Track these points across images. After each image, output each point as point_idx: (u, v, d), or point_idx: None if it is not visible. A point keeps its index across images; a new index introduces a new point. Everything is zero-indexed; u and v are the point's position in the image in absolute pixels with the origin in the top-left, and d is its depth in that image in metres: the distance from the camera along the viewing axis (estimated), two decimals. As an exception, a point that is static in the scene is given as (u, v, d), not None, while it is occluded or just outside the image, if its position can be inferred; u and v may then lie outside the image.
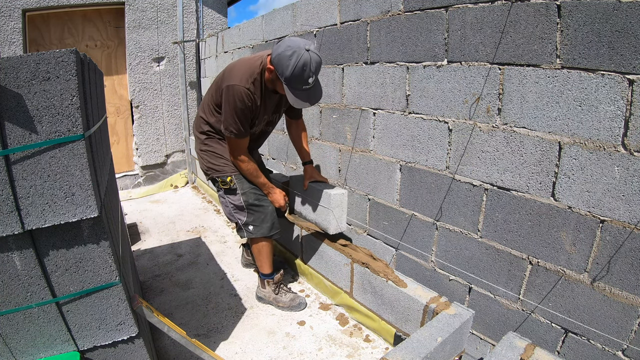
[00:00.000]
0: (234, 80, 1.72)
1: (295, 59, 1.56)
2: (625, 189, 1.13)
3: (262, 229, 2.01)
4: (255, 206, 1.99)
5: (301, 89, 1.65)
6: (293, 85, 1.63)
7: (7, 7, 3.54)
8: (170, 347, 1.86)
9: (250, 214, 1.99)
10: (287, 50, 1.58)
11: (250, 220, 2.00)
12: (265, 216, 2.00)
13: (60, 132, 0.98)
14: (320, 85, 1.75)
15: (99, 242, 1.10)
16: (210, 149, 1.99)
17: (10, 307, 1.06)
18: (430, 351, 1.35)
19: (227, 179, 1.95)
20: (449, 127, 1.61)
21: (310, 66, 1.58)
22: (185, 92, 4.51)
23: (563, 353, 1.36)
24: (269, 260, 2.13)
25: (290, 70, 1.58)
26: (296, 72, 1.58)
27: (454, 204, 1.66)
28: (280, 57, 1.60)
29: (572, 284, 1.30)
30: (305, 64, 1.56)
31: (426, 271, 1.86)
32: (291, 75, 1.59)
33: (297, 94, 1.65)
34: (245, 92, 1.71)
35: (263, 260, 2.12)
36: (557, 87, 1.24)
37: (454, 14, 1.50)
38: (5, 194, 0.96)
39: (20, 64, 0.92)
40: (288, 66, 1.58)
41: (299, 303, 2.17)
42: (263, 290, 2.22)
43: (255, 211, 1.99)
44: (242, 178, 1.97)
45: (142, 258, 2.87)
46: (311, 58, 1.57)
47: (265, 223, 2.00)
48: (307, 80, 1.61)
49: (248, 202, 1.97)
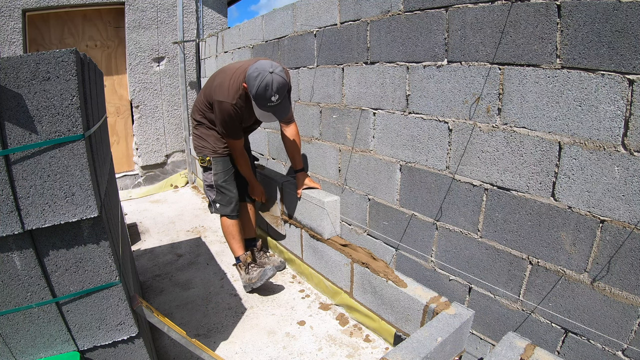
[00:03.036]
0: (222, 96, 2.01)
1: (260, 80, 1.80)
2: (625, 189, 1.13)
3: (226, 209, 2.33)
4: (223, 188, 2.31)
5: (266, 106, 1.87)
6: (258, 102, 1.87)
7: (7, 7, 3.54)
8: (170, 347, 1.86)
9: (218, 194, 2.32)
10: (254, 72, 1.82)
11: (218, 199, 2.33)
12: (230, 199, 2.33)
13: (60, 132, 0.98)
14: (288, 103, 2.00)
15: (99, 242, 1.10)
16: (199, 132, 2.32)
17: (10, 307, 1.06)
18: (430, 351, 1.35)
19: (206, 159, 2.27)
20: (449, 127, 1.61)
21: (272, 86, 1.80)
22: (185, 92, 4.51)
23: (563, 353, 1.36)
24: (238, 241, 2.37)
25: (255, 89, 1.82)
26: (259, 91, 1.82)
27: (454, 204, 1.66)
28: (249, 78, 1.85)
29: (572, 284, 1.30)
30: (267, 84, 1.79)
31: (426, 271, 1.86)
32: (256, 93, 1.83)
33: (263, 109, 1.89)
34: (232, 108, 2.00)
35: (232, 241, 2.38)
36: (557, 87, 1.24)
37: (454, 14, 1.50)
38: (5, 194, 0.96)
39: (20, 64, 0.92)
40: (254, 86, 1.82)
41: (265, 271, 2.25)
42: (241, 277, 2.38)
43: (222, 192, 2.32)
44: (219, 161, 2.28)
45: (142, 258, 2.87)
46: (273, 79, 1.79)
47: (230, 204, 2.33)
48: (269, 99, 1.84)
49: (217, 183, 2.30)
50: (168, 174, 4.78)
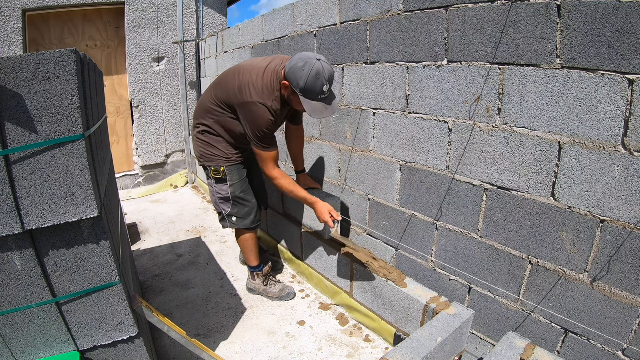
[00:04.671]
0: (257, 97, 1.75)
1: (308, 69, 1.60)
2: (625, 189, 1.13)
3: (244, 222, 2.10)
4: (241, 199, 2.07)
5: (317, 99, 1.67)
6: (309, 95, 1.66)
7: (7, 7, 3.54)
8: (170, 347, 1.86)
9: (235, 206, 2.07)
10: (299, 62, 1.62)
11: (235, 212, 2.09)
12: (250, 210, 2.10)
13: (60, 132, 0.98)
14: (335, 97, 1.75)
15: (99, 242, 1.10)
16: (206, 139, 2.02)
17: (10, 307, 1.06)
18: (430, 351, 1.35)
19: (220, 169, 2.00)
20: (449, 127, 1.61)
21: (324, 74, 1.61)
22: (185, 92, 4.51)
23: (563, 353, 1.36)
24: (255, 252, 2.22)
25: (304, 81, 1.61)
26: (310, 81, 1.61)
27: (454, 204, 1.66)
28: (294, 70, 1.64)
29: (572, 284, 1.30)
30: (318, 72, 1.60)
31: (426, 271, 1.86)
32: (305, 84, 1.62)
33: (314, 103, 1.67)
34: (269, 110, 1.75)
35: (248, 253, 2.22)
36: (557, 87, 1.24)
37: (454, 14, 1.50)
38: (5, 194, 0.96)
39: (20, 64, 0.92)
40: (302, 77, 1.61)
41: (288, 293, 2.27)
42: (253, 282, 2.32)
43: (240, 204, 2.08)
44: (234, 170, 2.03)
45: (142, 258, 2.87)
46: (323, 67, 1.61)
47: (249, 216, 2.11)
48: (322, 89, 1.64)
49: (235, 195, 2.05)
50: (168, 174, 4.78)
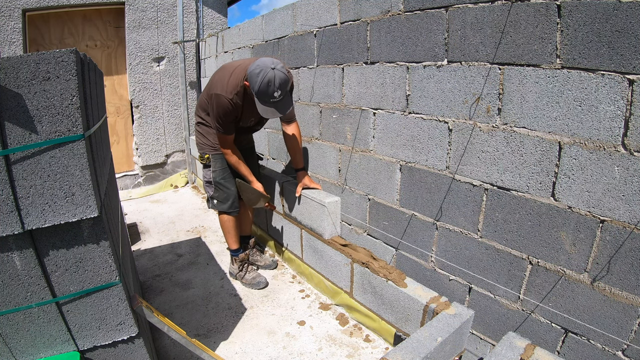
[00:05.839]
0: (219, 90, 2.02)
1: (262, 76, 1.81)
2: (625, 189, 1.13)
3: (223, 205, 2.37)
4: (221, 185, 2.34)
5: (269, 102, 1.88)
6: (261, 98, 1.88)
7: (7, 7, 3.54)
8: (170, 347, 1.86)
9: (216, 190, 2.36)
10: (256, 69, 1.84)
11: (216, 195, 2.37)
12: (228, 196, 2.35)
13: (60, 132, 0.98)
14: (290, 99, 1.98)
15: (99, 242, 1.10)
16: (200, 129, 2.36)
17: (10, 307, 1.06)
18: (430, 351, 1.35)
19: (205, 156, 2.32)
20: (449, 127, 1.61)
21: (274, 82, 1.81)
22: (185, 92, 4.51)
23: (563, 353, 1.36)
24: (232, 235, 2.45)
25: (257, 86, 1.84)
26: (262, 88, 1.83)
27: (454, 203, 1.66)
28: (251, 75, 1.86)
29: (572, 284, 1.30)
30: (269, 80, 1.80)
31: (426, 271, 1.86)
32: (258, 89, 1.84)
33: (265, 105, 1.90)
34: (228, 102, 2.01)
35: (227, 234, 2.47)
36: (557, 87, 1.24)
37: (454, 14, 1.50)
38: (5, 194, 0.96)
39: (20, 64, 0.92)
40: (256, 82, 1.84)
41: (258, 282, 2.45)
42: (232, 267, 2.54)
43: (220, 189, 2.35)
44: (218, 158, 2.31)
45: (142, 258, 2.87)
46: (275, 75, 1.81)
47: (227, 201, 2.36)
48: (272, 95, 1.84)
49: (215, 180, 2.33)
50: (168, 174, 4.78)
